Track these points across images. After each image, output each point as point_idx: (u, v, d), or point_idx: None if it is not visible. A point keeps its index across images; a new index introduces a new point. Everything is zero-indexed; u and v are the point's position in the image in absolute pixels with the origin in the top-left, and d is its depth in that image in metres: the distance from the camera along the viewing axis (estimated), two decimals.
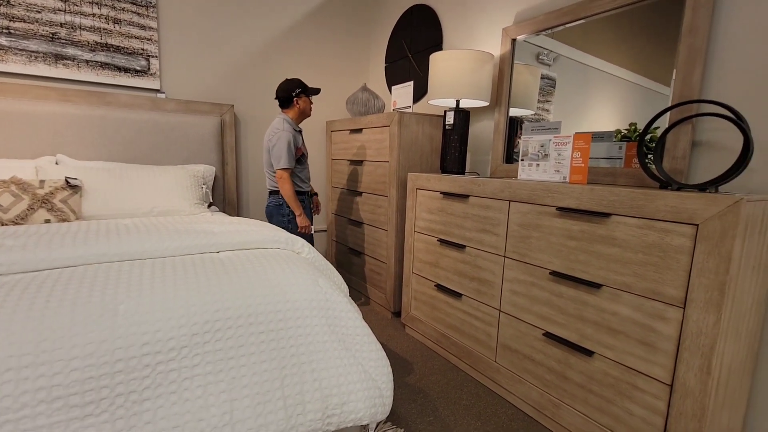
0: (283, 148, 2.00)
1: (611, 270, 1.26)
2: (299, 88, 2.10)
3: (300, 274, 1.20)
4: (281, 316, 1.07)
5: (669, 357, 1.13)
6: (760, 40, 1.26)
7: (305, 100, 2.13)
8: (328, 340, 1.11)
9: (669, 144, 1.43)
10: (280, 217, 2.14)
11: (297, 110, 2.12)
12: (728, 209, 0.99)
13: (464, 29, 2.36)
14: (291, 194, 2.04)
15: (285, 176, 2.02)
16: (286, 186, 2.03)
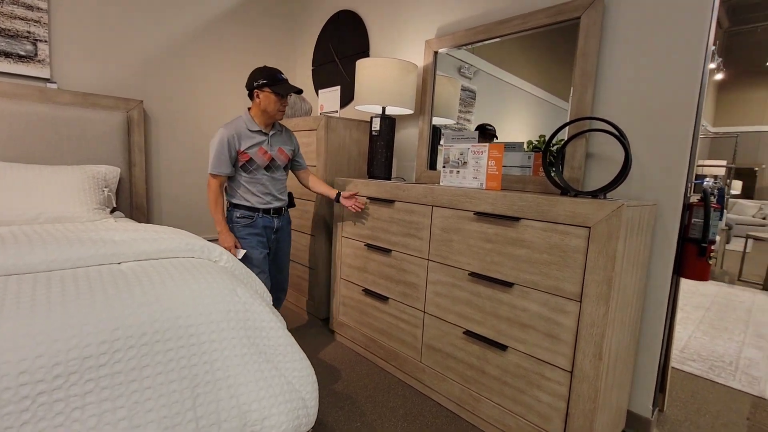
0: (212, 150, 1.69)
1: (521, 270, 1.36)
2: (263, 80, 1.67)
3: (216, 285, 1.12)
4: (193, 330, 0.99)
5: (569, 347, 1.26)
6: (635, 67, 1.46)
7: (267, 95, 1.68)
8: (247, 353, 1.06)
9: (568, 155, 1.60)
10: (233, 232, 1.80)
11: (258, 106, 1.71)
12: (613, 213, 1.13)
13: (390, 38, 2.42)
14: (211, 206, 1.72)
15: (210, 183, 1.71)
16: (209, 196, 1.72)
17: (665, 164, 1.41)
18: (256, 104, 1.71)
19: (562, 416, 1.28)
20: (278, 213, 1.84)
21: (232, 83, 2.92)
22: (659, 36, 1.41)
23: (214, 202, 1.72)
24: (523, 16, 1.72)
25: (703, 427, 1.61)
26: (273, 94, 1.69)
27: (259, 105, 1.70)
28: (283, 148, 1.82)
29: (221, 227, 1.72)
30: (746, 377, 2.03)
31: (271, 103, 1.69)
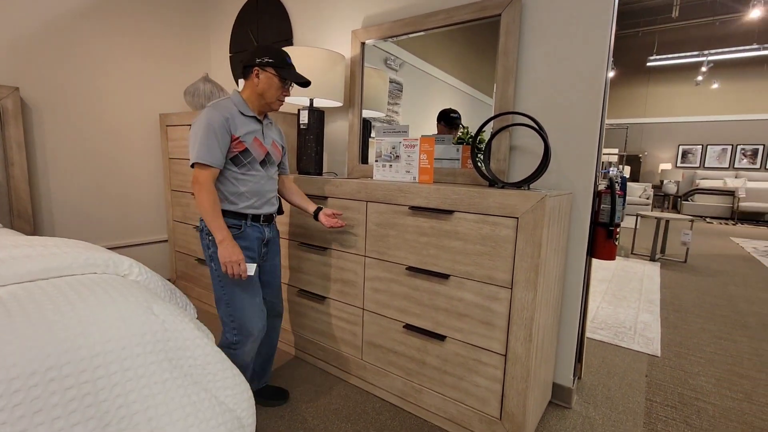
0: (196, 134, 1.28)
1: (457, 261, 1.40)
2: (269, 58, 1.35)
3: (126, 304, 0.98)
4: (99, 361, 0.85)
5: (503, 332, 1.32)
6: (551, 65, 1.56)
7: (270, 78, 1.36)
8: (170, 378, 0.94)
9: (494, 148, 1.67)
10: (204, 249, 1.41)
11: (253, 88, 1.38)
12: (537, 204, 1.20)
13: (315, 27, 2.32)
14: (207, 207, 1.27)
15: (198, 178, 1.28)
16: (200, 195, 1.27)
17: (578, 156, 1.53)
18: (252, 85, 1.38)
19: (499, 398, 1.35)
20: (268, 221, 1.48)
21: (140, 72, 2.58)
22: (570, 37, 1.51)
23: (210, 203, 1.28)
24: (448, 10, 1.74)
25: (612, 388, 1.81)
26: (277, 78, 1.37)
27: (255, 86, 1.37)
28: (276, 142, 1.52)
29: (224, 235, 1.28)
30: (643, 339, 2.33)
31: (272, 87, 1.38)
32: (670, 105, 10.16)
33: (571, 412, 1.62)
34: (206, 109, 1.32)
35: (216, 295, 1.42)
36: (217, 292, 1.41)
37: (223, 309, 1.41)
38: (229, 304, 1.39)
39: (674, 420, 1.59)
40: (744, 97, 9.28)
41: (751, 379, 1.93)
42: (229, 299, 1.39)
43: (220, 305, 1.41)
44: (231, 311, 1.40)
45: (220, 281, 1.39)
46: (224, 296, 1.39)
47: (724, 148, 9.58)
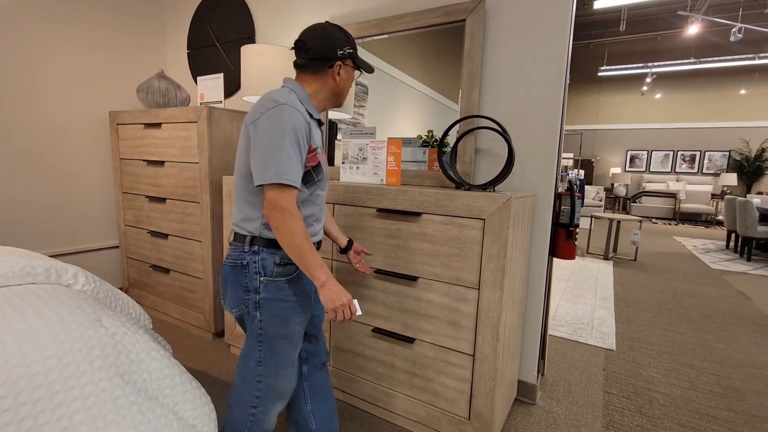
0: (274, 140, 0.93)
1: (425, 263, 1.40)
2: (349, 48, 1.08)
3: (70, 317, 0.89)
4: (39, 381, 0.77)
5: (471, 332, 1.33)
6: (513, 71, 1.61)
7: (349, 71, 1.10)
8: (121, 395, 0.86)
9: (460, 151, 1.69)
10: (241, 294, 1.04)
11: (330, 86, 1.08)
12: (503, 205, 1.22)
13: (278, 25, 2.26)
14: (301, 241, 0.94)
15: (282, 202, 0.93)
16: (289, 225, 0.93)
17: (539, 159, 1.59)
18: (330, 82, 1.07)
19: (467, 398, 1.36)
20: (317, 248, 1.13)
21: (87, 66, 2.41)
22: (531, 44, 1.56)
23: (304, 235, 0.94)
24: (415, 13, 1.75)
25: (573, 383, 1.88)
26: (355, 71, 1.12)
27: (334, 83, 1.08)
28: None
29: (327, 275, 0.97)
30: (599, 334, 2.44)
31: (349, 82, 1.12)
32: (619, 113, 10.83)
33: (535, 408, 1.67)
34: (282, 107, 0.94)
35: (246, 349, 1.08)
36: (250, 348, 1.06)
37: (250, 366, 1.06)
38: (262, 362, 1.06)
39: (629, 410, 1.67)
40: (683, 106, 10.06)
41: (695, 368, 2.07)
42: (263, 357, 1.05)
43: (248, 361, 1.07)
44: (261, 371, 1.06)
45: (261, 336, 1.04)
46: (259, 353, 1.05)
47: (666, 153, 10.33)
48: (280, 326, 1.05)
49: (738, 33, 5.70)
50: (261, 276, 1.02)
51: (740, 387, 1.89)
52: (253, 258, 1.02)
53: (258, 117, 0.96)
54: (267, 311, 1.04)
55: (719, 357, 2.20)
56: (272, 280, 1.03)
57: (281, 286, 1.04)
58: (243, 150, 1.01)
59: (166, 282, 2.26)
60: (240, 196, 1.05)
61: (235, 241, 1.06)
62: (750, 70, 9.29)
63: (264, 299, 1.03)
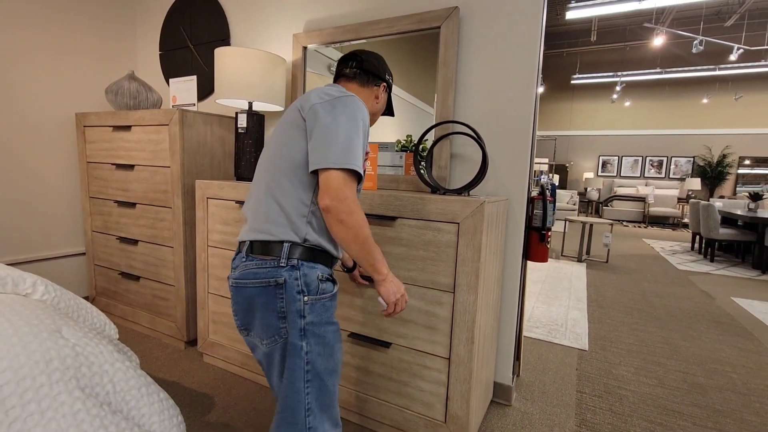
0: (345, 127, 0.85)
1: (401, 267, 1.40)
2: (391, 80, 1.16)
3: (27, 327, 0.85)
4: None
5: (446, 335, 1.34)
6: (487, 77, 1.64)
7: (383, 100, 1.13)
8: (82, 409, 0.83)
9: (436, 155, 1.71)
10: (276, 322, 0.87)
11: (370, 103, 1.09)
12: (477, 209, 1.24)
13: (254, 28, 2.24)
14: (368, 234, 0.86)
15: (348, 192, 0.83)
16: (356, 217, 0.83)
17: (513, 164, 1.62)
18: (371, 96, 1.09)
19: (443, 401, 1.36)
20: None
21: (53, 66, 2.31)
22: (504, 52, 1.60)
23: (368, 227, 0.86)
24: (390, 20, 1.77)
25: (547, 383, 1.92)
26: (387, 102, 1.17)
27: (374, 102, 1.10)
28: None
29: (387, 269, 0.93)
30: (573, 334, 2.50)
31: (380, 111, 1.15)
32: (591, 119, 11.20)
33: (511, 409, 1.69)
34: (354, 97, 0.90)
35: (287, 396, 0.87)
36: (294, 391, 0.87)
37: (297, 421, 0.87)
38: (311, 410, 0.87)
39: (601, 408, 1.72)
40: (651, 114, 10.50)
41: (663, 365, 2.14)
42: (312, 403, 0.87)
43: (293, 414, 0.87)
44: (312, 422, 0.87)
45: (309, 372, 0.86)
46: (308, 398, 0.87)
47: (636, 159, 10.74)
48: (328, 357, 0.89)
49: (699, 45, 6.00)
50: (305, 295, 0.86)
51: (704, 383, 1.97)
52: (293, 274, 0.85)
53: (325, 100, 0.88)
54: (315, 339, 0.86)
55: (685, 354, 2.29)
56: (317, 298, 0.87)
57: (327, 305, 0.90)
58: (290, 137, 0.89)
59: (136, 290, 2.19)
60: (277, 192, 0.88)
61: (260, 253, 0.87)
62: (711, 80, 9.80)
63: (311, 324, 0.86)
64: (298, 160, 0.88)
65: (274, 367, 0.92)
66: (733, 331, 2.68)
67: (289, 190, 0.88)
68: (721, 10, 9.09)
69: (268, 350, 0.91)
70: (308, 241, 0.89)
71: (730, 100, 9.61)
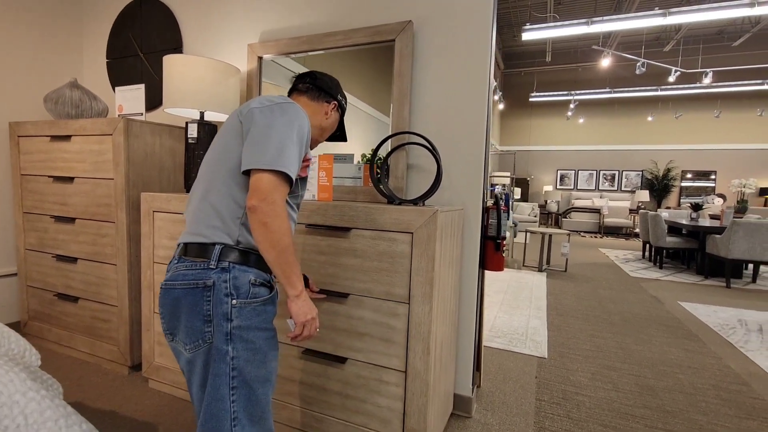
0: (286, 129, 0.85)
1: (356, 279, 1.37)
2: (344, 101, 1.18)
3: None
4: None
5: (402, 348, 1.31)
6: (442, 91, 1.67)
7: (336, 120, 1.15)
8: None
9: (392, 166, 1.71)
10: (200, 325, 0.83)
11: (319, 119, 1.10)
12: (430, 219, 1.24)
13: (208, 37, 2.18)
14: (289, 243, 0.83)
15: (276, 196, 0.81)
16: (280, 222, 0.81)
17: (468, 174, 1.64)
18: (320, 112, 1.09)
19: (400, 416, 1.32)
20: None
21: None
22: (457, 66, 1.63)
23: (290, 236, 0.84)
24: (346, 32, 1.77)
25: (507, 392, 1.92)
26: (338, 122, 1.18)
27: (323, 118, 1.10)
28: None
29: (302, 284, 0.89)
30: (533, 343, 2.54)
31: (330, 131, 1.16)
32: (549, 135, 11.75)
33: (471, 421, 1.67)
34: (293, 104, 0.91)
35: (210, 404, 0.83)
36: (218, 399, 0.82)
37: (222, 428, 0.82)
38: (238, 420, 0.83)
39: (558, 416, 1.73)
40: (603, 131, 11.14)
41: (617, 370, 2.21)
42: (240, 410, 0.83)
43: (217, 421, 0.82)
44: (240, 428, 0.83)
45: (235, 378, 0.83)
46: (233, 406, 0.83)
47: (591, 172, 11.32)
48: (259, 364, 0.85)
49: (642, 67, 6.46)
50: (233, 298, 0.83)
51: (654, 385, 2.04)
52: (222, 276, 0.83)
53: (264, 105, 0.88)
54: (244, 344, 0.83)
55: (637, 358, 2.37)
56: (248, 302, 0.84)
57: (259, 309, 0.86)
58: (228, 142, 0.89)
59: (75, 312, 2.02)
60: (212, 195, 0.87)
61: (193, 255, 0.85)
62: (654, 100, 10.56)
63: (238, 328, 0.83)
64: (234, 163, 0.88)
65: (196, 374, 0.87)
66: (680, 334, 2.81)
67: (224, 192, 0.88)
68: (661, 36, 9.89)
69: (190, 356, 0.86)
70: (242, 243, 0.87)
71: (672, 119, 10.39)
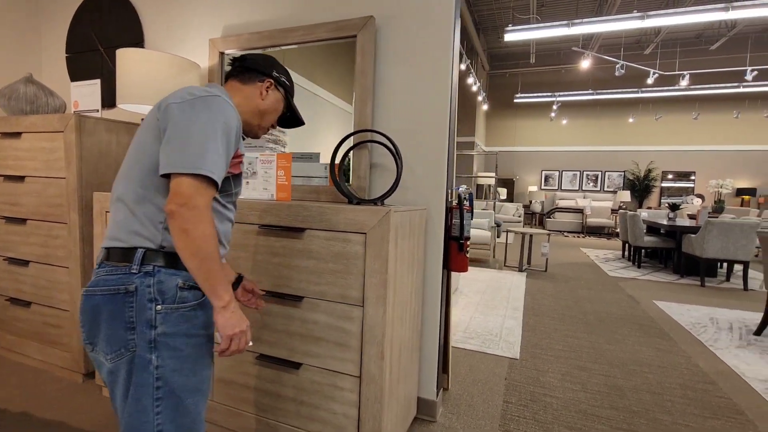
0: (207, 127, 0.79)
1: (310, 281, 1.32)
2: (285, 78, 1.05)
3: None
4: None
5: (357, 352, 1.27)
6: (404, 89, 1.63)
7: (279, 99, 1.04)
8: None
9: (354, 165, 1.67)
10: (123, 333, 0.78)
11: (255, 102, 1.00)
12: (383, 218, 1.20)
13: (169, 32, 2.11)
14: (212, 249, 0.77)
15: (198, 200, 0.76)
16: (201, 228, 0.76)
17: (431, 174, 1.61)
18: (256, 97, 0.99)
19: (355, 423, 1.28)
20: None
21: None
22: (420, 64, 1.60)
23: (216, 242, 0.78)
24: (308, 27, 1.73)
25: (475, 395, 1.89)
26: (284, 102, 1.07)
27: (260, 101, 1.00)
28: None
29: (231, 295, 0.82)
30: (506, 344, 2.52)
31: (275, 112, 1.05)
32: (533, 136, 11.84)
33: (435, 425, 1.64)
34: (216, 97, 0.83)
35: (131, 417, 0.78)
36: (141, 410, 0.78)
37: None
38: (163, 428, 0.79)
39: (524, 418, 1.71)
40: (586, 132, 11.27)
41: (587, 370, 2.20)
42: (166, 421, 0.79)
43: None
44: None
45: (159, 389, 0.78)
46: (157, 418, 0.78)
47: (574, 173, 11.44)
48: (188, 373, 0.81)
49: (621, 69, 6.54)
50: (158, 304, 0.79)
51: (622, 385, 2.04)
52: (146, 281, 0.78)
53: (181, 101, 0.81)
54: (170, 352, 0.78)
55: (608, 358, 2.37)
56: (175, 308, 0.80)
57: (187, 314, 0.82)
58: (145, 141, 0.82)
59: (25, 317, 1.93)
60: (132, 199, 0.82)
61: (114, 260, 0.80)
62: (635, 102, 10.73)
63: (163, 335, 0.78)
64: (151, 163, 0.82)
65: (119, 385, 0.81)
66: (653, 333, 2.83)
67: (142, 195, 0.82)
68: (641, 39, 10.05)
69: (113, 366, 0.80)
70: (166, 247, 0.83)
71: (652, 120, 10.57)
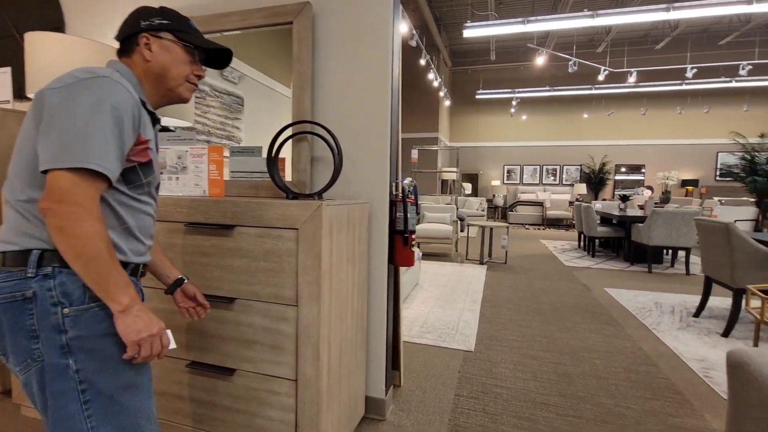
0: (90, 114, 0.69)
1: (242, 282, 1.24)
2: (162, 19, 0.85)
3: None
4: None
5: (293, 354, 1.21)
6: (345, 79, 1.57)
7: (169, 46, 0.86)
8: None
9: (294, 159, 1.59)
10: (27, 343, 0.72)
11: (143, 67, 0.85)
12: (314, 213, 1.14)
13: (93, 17, 1.95)
14: (99, 248, 0.69)
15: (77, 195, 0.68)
16: (82, 226, 0.67)
17: (374, 167, 1.56)
18: (142, 62, 0.85)
19: (293, 429, 1.22)
20: (143, 275, 0.91)
21: None
22: (359, 54, 1.54)
23: (103, 240, 0.70)
24: (242, 12, 1.63)
25: (428, 390, 1.88)
26: (180, 47, 0.87)
27: (147, 63, 0.84)
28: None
29: (131, 296, 0.74)
30: (462, 336, 2.53)
31: (176, 62, 0.87)
32: (495, 132, 12.10)
33: (384, 423, 1.60)
34: (102, 79, 0.73)
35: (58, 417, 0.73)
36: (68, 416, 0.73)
37: None
38: None
39: (474, 410, 1.71)
40: (544, 127, 11.64)
41: (538, 359, 2.24)
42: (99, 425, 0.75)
43: None
44: None
45: (85, 392, 0.74)
46: (89, 422, 0.74)
47: (534, 167, 11.80)
48: (114, 372, 0.76)
49: (574, 66, 6.77)
50: (64, 307, 0.72)
51: (571, 371, 2.08)
52: (45, 284, 0.72)
53: (60, 85, 0.71)
54: (87, 355, 0.73)
55: (559, 345, 2.42)
56: (86, 308, 0.74)
57: (103, 313, 0.75)
58: (28, 135, 0.73)
59: None
60: (20, 198, 0.74)
61: (9, 265, 0.73)
62: (589, 98, 11.18)
63: (78, 339, 0.73)
64: (33, 157, 0.73)
65: (36, 398, 0.76)
66: (602, 320, 2.93)
67: (30, 195, 0.74)
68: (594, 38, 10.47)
69: (24, 379, 0.75)
70: None
71: (605, 116, 11.06)
